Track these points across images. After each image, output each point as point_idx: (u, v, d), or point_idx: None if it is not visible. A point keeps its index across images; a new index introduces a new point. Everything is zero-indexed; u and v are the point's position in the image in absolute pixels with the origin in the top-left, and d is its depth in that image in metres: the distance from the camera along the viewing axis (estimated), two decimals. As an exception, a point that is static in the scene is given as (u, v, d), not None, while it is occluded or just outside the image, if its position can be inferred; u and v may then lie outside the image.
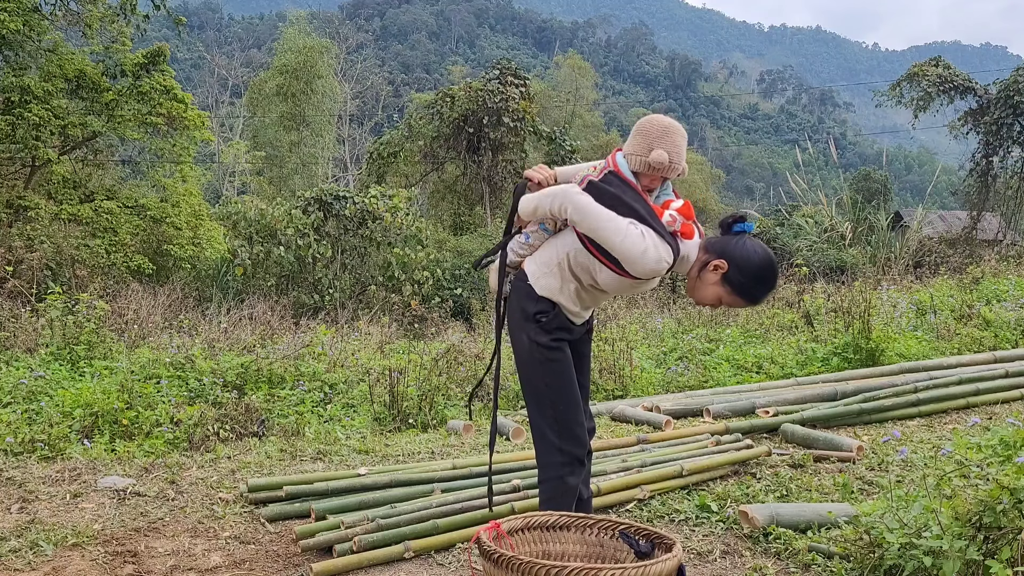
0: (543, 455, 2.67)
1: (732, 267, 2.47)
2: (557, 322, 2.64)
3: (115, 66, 16.90)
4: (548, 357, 2.63)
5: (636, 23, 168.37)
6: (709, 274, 2.51)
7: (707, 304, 2.60)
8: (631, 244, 2.43)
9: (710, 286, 2.52)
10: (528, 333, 2.64)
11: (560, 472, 2.63)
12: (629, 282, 2.57)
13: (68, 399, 5.09)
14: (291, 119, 34.74)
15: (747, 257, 2.47)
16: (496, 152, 22.95)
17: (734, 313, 9.33)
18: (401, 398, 5.53)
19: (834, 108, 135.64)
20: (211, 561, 3.10)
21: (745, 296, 2.51)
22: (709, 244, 2.56)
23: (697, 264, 2.54)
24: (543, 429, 2.65)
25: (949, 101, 21.60)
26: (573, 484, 2.66)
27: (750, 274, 2.48)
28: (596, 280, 2.60)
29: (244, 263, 14.68)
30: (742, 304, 2.56)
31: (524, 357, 2.68)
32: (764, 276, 2.49)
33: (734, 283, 2.49)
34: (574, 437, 2.65)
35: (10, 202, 15.22)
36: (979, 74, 23.74)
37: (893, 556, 2.62)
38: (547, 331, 2.62)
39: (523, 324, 2.65)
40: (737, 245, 2.49)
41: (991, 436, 2.98)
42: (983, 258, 14.99)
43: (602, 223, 2.46)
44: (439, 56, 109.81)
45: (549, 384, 2.64)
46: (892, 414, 5.17)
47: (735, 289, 2.49)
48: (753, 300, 2.54)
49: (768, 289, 2.52)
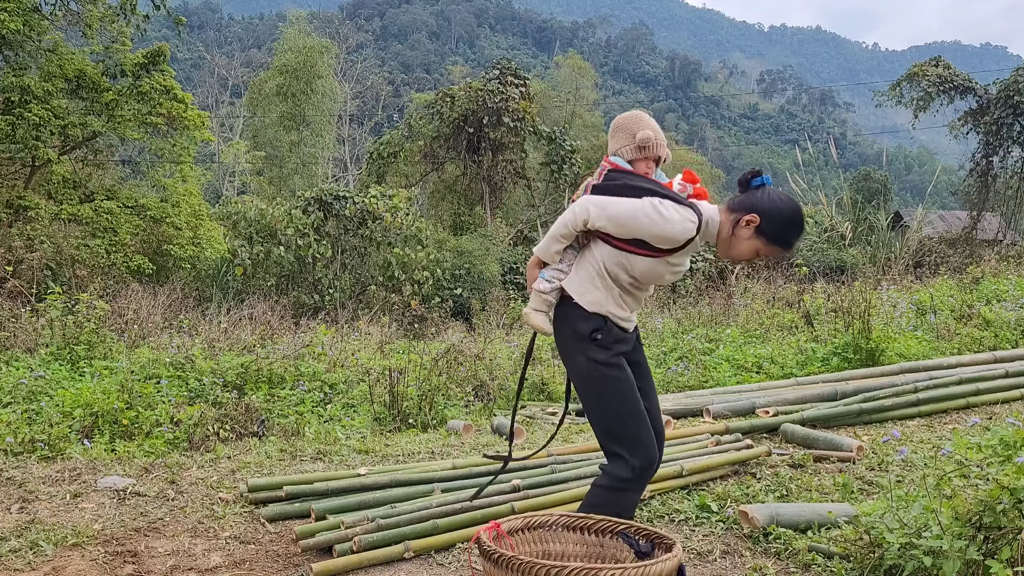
0: (612, 467, 2.61)
1: (764, 219, 2.55)
2: (612, 336, 2.61)
3: (115, 66, 16.88)
4: (610, 375, 2.60)
5: (636, 23, 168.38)
6: (742, 230, 2.58)
7: (743, 260, 2.67)
8: (655, 218, 2.49)
9: (745, 241, 2.59)
10: (586, 354, 2.60)
11: (624, 486, 2.58)
12: (665, 263, 2.60)
13: (68, 399, 5.09)
14: (291, 119, 34.71)
15: (776, 207, 2.56)
16: (496, 152, 22.93)
17: (734, 313, 9.34)
18: (401, 398, 5.53)
19: (834, 108, 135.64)
20: (211, 561, 3.10)
21: (780, 243, 2.59)
22: (733, 204, 2.62)
23: (727, 224, 2.60)
24: (614, 447, 2.61)
25: (949, 101, 21.60)
26: (634, 500, 2.63)
27: (782, 221, 2.56)
28: (635, 275, 2.60)
29: (244, 263, 14.68)
30: (778, 252, 2.63)
31: (584, 378, 2.64)
32: (795, 221, 2.58)
33: (769, 234, 2.56)
34: (646, 451, 2.61)
35: (10, 202, 15.21)
36: (979, 74, 23.74)
37: (893, 556, 2.62)
38: (605, 347, 2.60)
39: (578, 346, 2.62)
40: (763, 198, 2.57)
41: (991, 436, 2.98)
42: (983, 258, 14.99)
43: (623, 208, 2.52)
44: (439, 56, 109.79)
45: (615, 401, 2.60)
46: (892, 414, 5.17)
47: (770, 239, 2.57)
48: (788, 246, 2.61)
49: (800, 233, 2.60)
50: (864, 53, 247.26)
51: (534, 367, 6.72)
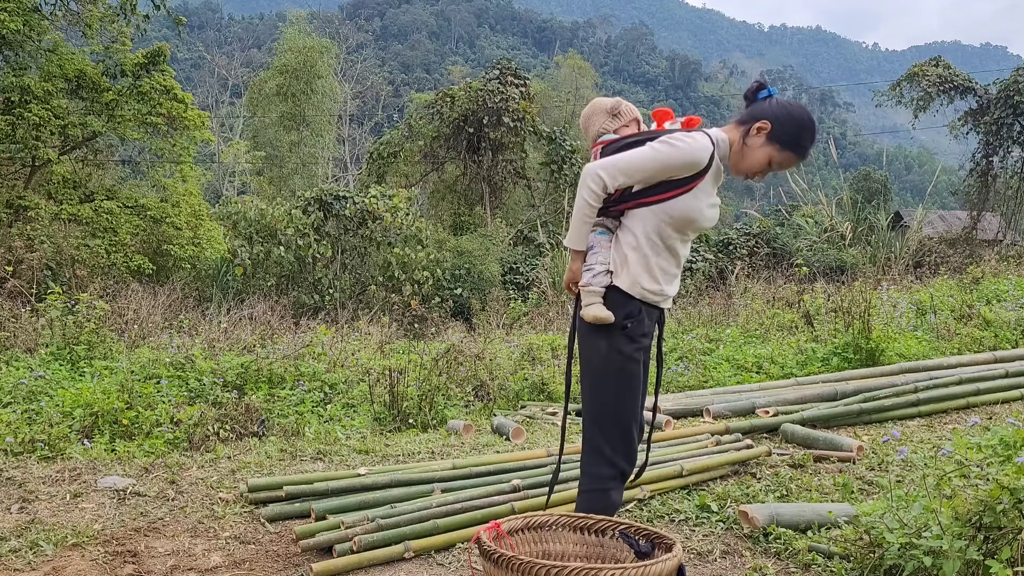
0: (592, 466, 2.58)
1: (775, 124, 2.50)
2: (641, 328, 2.55)
3: (115, 66, 16.88)
4: (626, 369, 2.54)
5: (636, 23, 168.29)
6: (754, 138, 2.53)
7: (756, 172, 2.57)
8: (667, 150, 2.46)
9: (757, 150, 2.52)
10: (609, 340, 2.53)
11: (607, 486, 2.56)
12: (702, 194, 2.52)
13: (68, 399, 5.09)
14: (291, 119, 34.71)
15: (787, 111, 2.51)
16: (496, 152, 22.94)
17: (734, 313, 9.33)
18: (401, 398, 5.53)
19: (834, 108, 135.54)
20: (211, 561, 3.10)
21: (794, 149, 2.52)
22: (741, 117, 2.58)
23: (738, 137, 2.55)
24: (598, 441, 2.56)
25: (949, 101, 21.61)
26: (616, 500, 2.58)
27: (794, 125, 2.50)
28: (679, 223, 2.52)
29: (244, 263, 14.68)
30: (792, 159, 2.54)
31: (598, 366, 2.56)
32: (807, 125, 2.52)
33: (781, 139, 2.50)
34: (628, 453, 2.58)
35: (10, 202, 15.21)
36: (979, 74, 23.73)
37: (893, 556, 2.62)
38: (632, 339, 2.53)
39: (604, 330, 2.54)
40: (771, 105, 2.53)
41: (991, 436, 2.98)
42: (983, 258, 15.00)
43: (632, 157, 2.49)
44: (439, 56, 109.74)
45: (619, 397, 2.55)
46: (892, 414, 5.17)
47: (784, 144, 2.51)
48: (802, 151, 2.54)
49: (812, 137, 2.53)
50: (864, 53, 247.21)
51: (534, 367, 6.72)
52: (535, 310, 12.54)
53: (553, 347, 7.48)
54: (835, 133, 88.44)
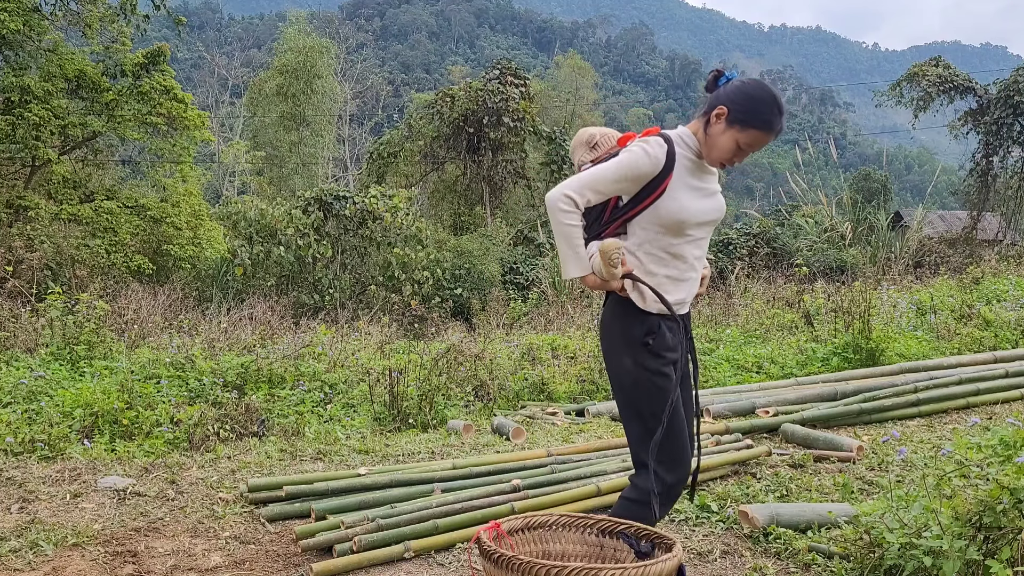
0: (641, 480, 2.54)
1: (731, 107, 2.42)
2: (665, 343, 2.50)
3: (115, 66, 16.88)
4: (656, 384, 2.49)
5: (636, 23, 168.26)
6: (715, 126, 2.45)
7: (728, 157, 2.46)
8: (627, 156, 2.44)
9: (721, 137, 2.45)
10: (634, 358, 2.50)
11: (650, 499, 2.50)
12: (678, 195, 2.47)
13: (68, 399, 5.09)
14: (291, 119, 34.71)
15: (742, 92, 2.43)
16: (496, 152, 22.94)
17: (734, 313, 9.33)
18: (401, 398, 5.53)
19: (834, 108, 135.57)
20: (211, 561, 3.10)
21: (757, 125, 2.42)
22: (703, 109, 2.53)
23: (702, 128, 2.50)
24: (643, 457, 2.52)
25: (949, 101, 21.61)
26: (657, 514, 2.52)
27: (750, 102, 2.41)
28: (666, 225, 2.48)
29: (244, 263, 14.68)
30: (759, 136, 2.43)
31: (627, 383, 2.53)
32: (764, 98, 2.42)
33: (741, 119, 2.41)
34: (679, 468, 2.54)
35: (10, 202, 15.21)
36: (979, 74, 23.74)
37: (893, 556, 2.62)
38: (655, 354, 2.49)
39: (627, 349, 2.51)
40: (727, 89, 2.46)
41: (991, 436, 2.98)
42: (983, 258, 15.00)
43: (603, 168, 2.46)
44: (439, 56, 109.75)
45: (655, 412, 2.49)
46: (892, 414, 5.17)
47: (744, 124, 2.42)
48: (766, 126, 2.43)
49: (773, 109, 2.42)
50: (864, 53, 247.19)
51: (534, 367, 6.72)
52: (535, 310, 12.54)
53: (553, 347, 7.48)
54: (835, 133, 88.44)
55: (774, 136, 2.45)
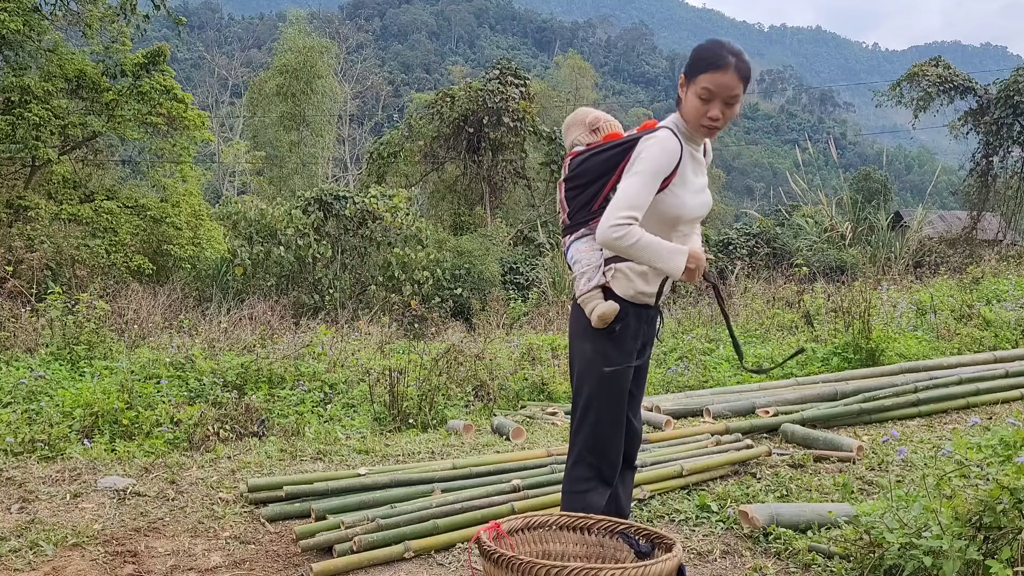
0: (570, 467, 2.60)
1: (685, 70, 2.49)
2: (628, 331, 2.55)
3: (115, 66, 16.88)
4: (608, 375, 2.54)
5: (636, 23, 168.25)
6: (682, 96, 2.51)
7: (702, 115, 2.45)
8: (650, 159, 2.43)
9: (688, 99, 2.48)
10: (594, 344, 2.55)
11: (582, 487, 2.56)
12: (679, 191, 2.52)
13: (68, 399, 5.09)
14: (291, 119, 34.68)
15: (691, 55, 2.50)
16: (496, 152, 22.95)
17: (734, 313, 9.32)
18: (401, 398, 5.53)
19: (834, 108, 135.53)
20: (211, 561, 3.10)
21: (706, 66, 2.42)
22: None
23: (679, 107, 2.54)
24: (577, 441, 2.59)
25: (949, 101, 21.60)
26: (596, 503, 2.56)
27: (694, 53, 2.48)
28: (662, 220, 2.51)
29: (244, 263, 14.68)
30: (716, 77, 2.40)
31: (583, 368, 2.59)
32: (706, 45, 2.49)
33: (691, 71, 2.46)
34: (607, 458, 2.58)
35: (10, 202, 15.21)
36: (979, 74, 23.74)
37: (893, 556, 2.62)
38: (617, 344, 2.54)
39: (589, 333, 2.55)
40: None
41: (991, 436, 2.99)
42: (983, 258, 14.99)
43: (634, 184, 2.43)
44: (439, 56, 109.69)
45: (598, 399, 2.55)
46: (892, 414, 5.17)
47: (695, 72, 2.44)
48: (716, 61, 2.41)
49: (717, 47, 2.44)
50: (864, 53, 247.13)
51: (534, 367, 6.72)
52: (535, 310, 12.54)
53: (553, 347, 7.48)
54: (835, 133, 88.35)
55: (733, 72, 2.41)
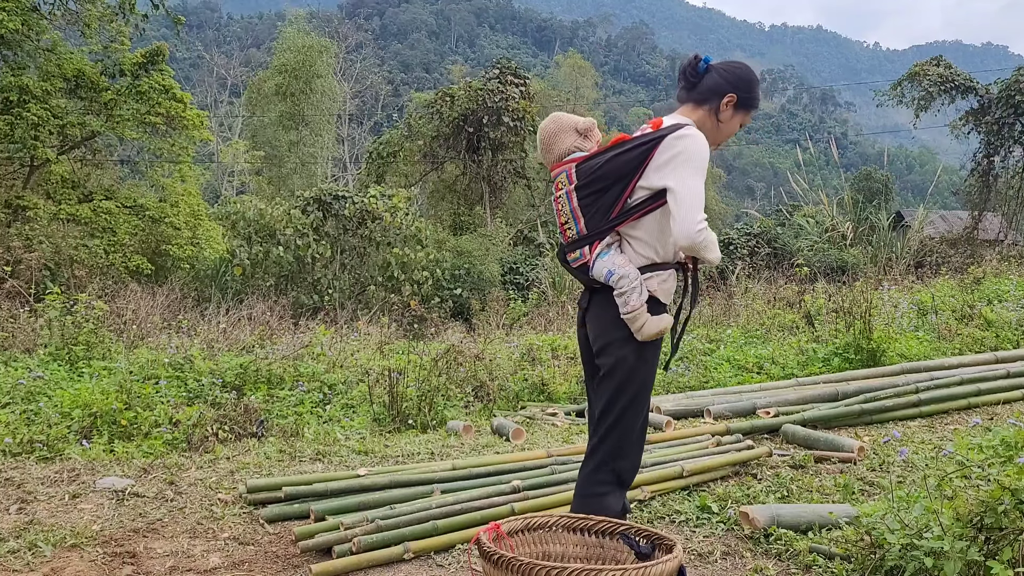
0: (591, 471, 2.54)
1: (739, 93, 2.58)
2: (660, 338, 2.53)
3: (114, 66, 16.89)
4: (649, 378, 2.50)
5: (636, 22, 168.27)
6: (725, 113, 2.59)
7: (728, 138, 2.68)
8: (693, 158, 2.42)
9: (731, 122, 2.61)
10: (639, 352, 2.47)
11: (602, 491, 2.51)
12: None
13: (67, 399, 5.08)
14: (290, 118, 34.68)
15: (739, 76, 2.60)
16: (496, 152, 22.93)
17: (734, 313, 9.32)
18: (400, 399, 5.52)
19: (835, 108, 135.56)
20: (210, 562, 3.09)
21: (755, 104, 2.66)
22: (696, 97, 2.58)
23: (707, 117, 2.57)
24: (602, 447, 2.52)
25: (950, 101, 21.58)
26: (613, 507, 2.51)
27: (751, 86, 2.62)
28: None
29: (243, 263, 14.67)
30: (751, 115, 2.67)
31: (624, 376, 2.47)
32: (755, 79, 2.65)
33: (748, 103, 2.61)
34: (631, 463, 2.55)
35: (9, 202, 15.22)
36: (980, 74, 23.71)
37: (894, 557, 2.61)
38: (656, 351, 2.51)
39: (633, 343, 2.46)
40: (724, 76, 2.58)
41: (992, 437, 2.98)
42: (984, 258, 14.98)
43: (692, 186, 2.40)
44: (439, 55, 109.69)
45: (635, 405, 2.49)
46: (893, 415, 5.16)
47: (749, 106, 2.62)
48: (758, 104, 2.68)
49: (759, 86, 2.68)
50: (865, 52, 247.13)
51: (534, 368, 6.71)
52: (535, 310, 12.53)
53: (553, 347, 7.46)
54: (836, 133, 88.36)
55: None
